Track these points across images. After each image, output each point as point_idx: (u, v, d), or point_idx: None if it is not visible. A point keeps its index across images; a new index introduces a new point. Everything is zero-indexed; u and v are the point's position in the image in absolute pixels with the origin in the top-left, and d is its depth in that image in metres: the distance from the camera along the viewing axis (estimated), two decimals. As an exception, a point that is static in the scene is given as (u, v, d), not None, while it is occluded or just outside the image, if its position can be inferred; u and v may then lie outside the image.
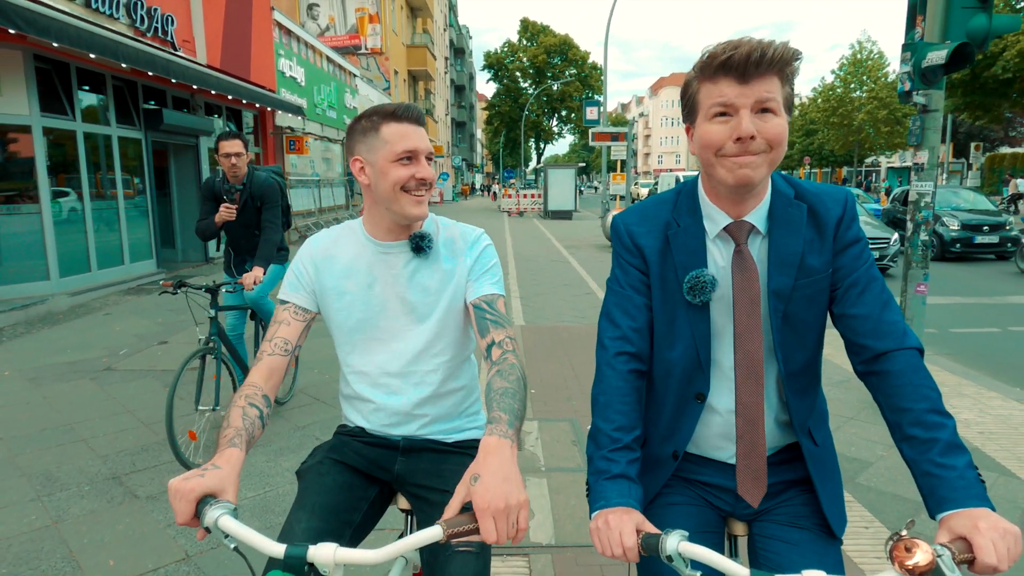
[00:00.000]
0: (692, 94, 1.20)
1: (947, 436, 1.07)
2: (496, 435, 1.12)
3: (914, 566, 0.86)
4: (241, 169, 4.01)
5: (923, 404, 1.10)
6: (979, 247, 12.51)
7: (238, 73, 13.04)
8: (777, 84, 1.14)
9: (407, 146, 1.42)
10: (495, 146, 69.29)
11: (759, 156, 1.15)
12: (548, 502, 3.15)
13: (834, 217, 1.24)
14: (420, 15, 39.23)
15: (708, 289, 1.23)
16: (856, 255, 1.24)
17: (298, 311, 1.51)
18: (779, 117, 1.15)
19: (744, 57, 1.10)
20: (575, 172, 26.12)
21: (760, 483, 1.29)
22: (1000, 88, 23.72)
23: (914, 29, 4.36)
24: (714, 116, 1.16)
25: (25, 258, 8.27)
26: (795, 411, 1.28)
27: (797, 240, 1.23)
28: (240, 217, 4.01)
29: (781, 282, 1.23)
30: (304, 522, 1.37)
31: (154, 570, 2.62)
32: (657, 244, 1.29)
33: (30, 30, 6.88)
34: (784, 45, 1.12)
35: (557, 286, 9.68)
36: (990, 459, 3.63)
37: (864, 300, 1.21)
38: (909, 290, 4.41)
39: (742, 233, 1.24)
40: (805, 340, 1.26)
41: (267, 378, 1.42)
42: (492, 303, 1.46)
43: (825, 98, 39.77)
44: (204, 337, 3.64)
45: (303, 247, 1.57)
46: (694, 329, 1.27)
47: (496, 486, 1.02)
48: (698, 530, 1.31)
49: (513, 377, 1.29)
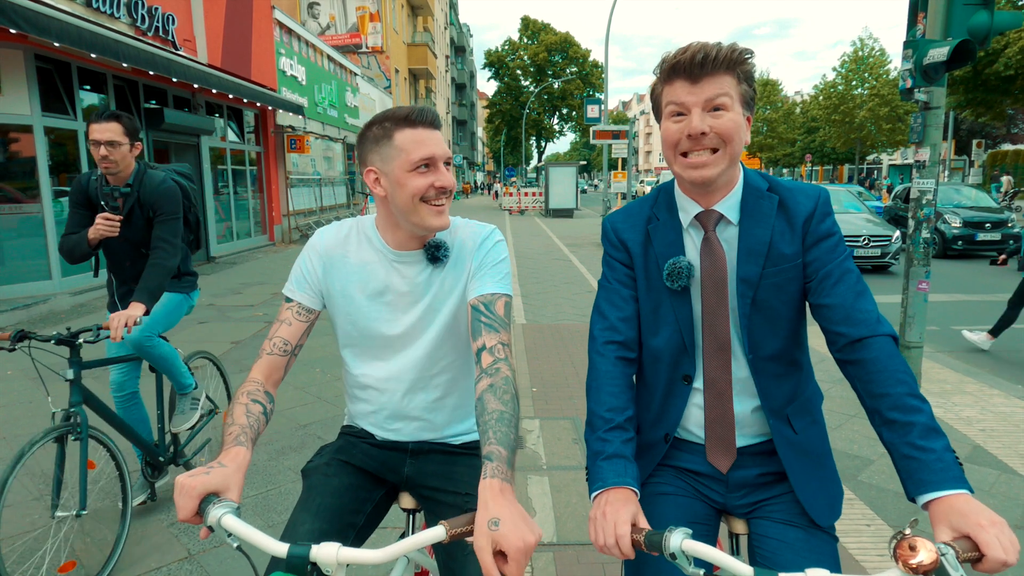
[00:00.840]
0: (656, 97, 1.31)
1: (924, 420, 1.10)
2: (498, 478, 1.08)
3: (918, 565, 0.87)
4: (121, 165, 2.81)
5: (900, 388, 1.14)
6: (981, 244, 12.50)
7: (239, 72, 13.05)
8: (730, 82, 1.22)
9: (424, 153, 1.33)
10: (496, 144, 69.24)
11: (714, 154, 1.23)
12: (550, 500, 3.16)
13: (804, 211, 1.30)
14: (421, 13, 39.21)
15: (684, 274, 1.31)
16: (830, 248, 1.29)
17: (301, 311, 1.46)
18: (731, 112, 1.22)
19: (690, 59, 1.20)
20: (576, 170, 26.12)
21: (729, 451, 1.35)
22: (1002, 85, 23.64)
23: (916, 26, 4.35)
24: (671, 116, 1.26)
25: (27, 258, 8.29)
26: (767, 396, 1.33)
27: (765, 230, 1.30)
28: (124, 231, 2.86)
29: (749, 270, 1.29)
30: (308, 523, 1.36)
31: (157, 568, 2.63)
32: (639, 238, 1.39)
33: (31, 30, 6.89)
34: (731, 47, 1.22)
35: (558, 284, 9.69)
36: (991, 456, 3.63)
37: (838, 291, 1.25)
38: (911, 287, 4.40)
39: (711, 221, 1.32)
40: (776, 327, 1.32)
41: (267, 376, 1.41)
42: (490, 304, 1.39)
43: (827, 95, 39.67)
44: (61, 410, 2.44)
45: (310, 241, 1.52)
46: (677, 314, 1.34)
47: (519, 528, 0.99)
48: (690, 521, 1.34)
49: (508, 396, 1.25)
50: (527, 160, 69.96)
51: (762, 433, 1.37)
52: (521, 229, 19.95)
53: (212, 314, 7.71)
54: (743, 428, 1.36)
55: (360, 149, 1.43)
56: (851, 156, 45.71)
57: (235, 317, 7.53)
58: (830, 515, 1.33)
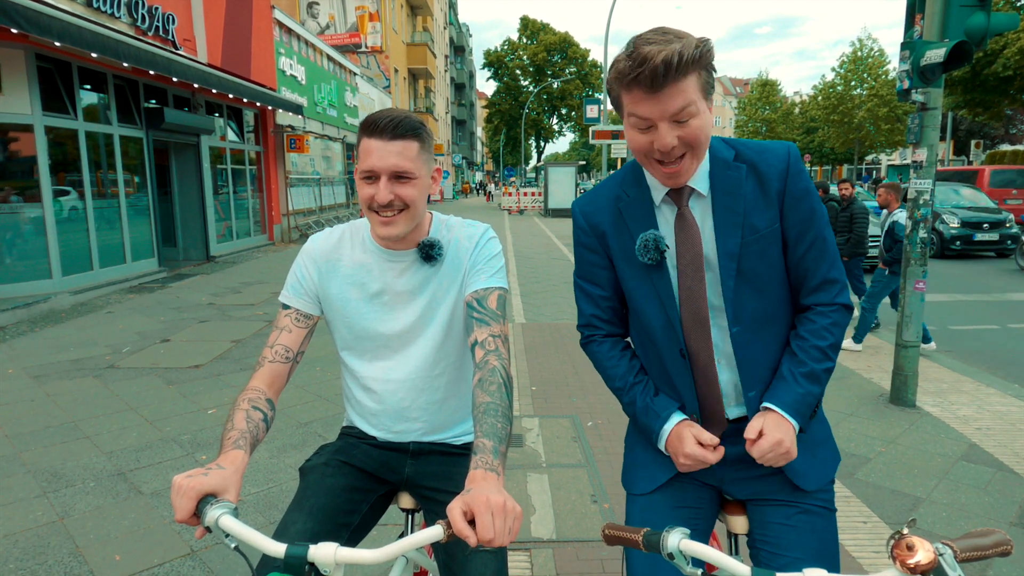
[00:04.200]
0: (615, 96, 1.24)
1: (817, 367, 1.29)
2: (481, 468, 1.11)
3: (916, 564, 0.87)
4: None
5: (817, 341, 1.30)
6: (979, 244, 12.53)
7: (239, 72, 13.05)
8: (692, 84, 1.15)
9: (366, 164, 1.34)
10: (495, 144, 69.23)
11: (684, 158, 1.22)
12: (549, 497, 3.18)
13: (777, 172, 1.28)
14: (420, 13, 39.19)
15: (653, 247, 1.30)
16: (807, 211, 1.29)
17: (300, 317, 1.47)
18: (697, 118, 1.18)
19: (651, 75, 1.12)
20: (575, 170, 26.14)
21: (719, 422, 1.38)
22: (1000, 85, 23.69)
23: (913, 27, 4.38)
24: (635, 126, 1.21)
25: (27, 257, 8.30)
26: (746, 365, 1.33)
27: (738, 201, 1.28)
28: None
29: (730, 242, 1.29)
30: (300, 523, 1.35)
31: (159, 565, 2.65)
32: (610, 218, 1.38)
33: (32, 29, 6.90)
34: (689, 46, 1.12)
35: (558, 283, 9.71)
36: (988, 455, 3.65)
37: (811, 255, 1.31)
38: (908, 287, 4.43)
39: (683, 197, 1.31)
40: (764, 293, 1.32)
41: (269, 384, 1.40)
42: (482, 299, 1.41)
43: (825, 96, 39.70)
44: None
45: (304, 248, 1.52)
46: (658, 288, 1.34)
47: (487, 492, 1.02)
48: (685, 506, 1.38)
49: (494, 387, 1.26)
50: (526, 160, 69.89)
51: (744, 411, 1.38)
52: (520, 229, 19.96)
53: (212, 313, 7.73)
54: (731, 400, 1.37)
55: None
56: (850, 156, 45.72)
57: (236, 316, 7.55)
58: (818, 478, 1.35)
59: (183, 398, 4.71)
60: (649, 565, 1.28)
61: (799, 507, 1.33)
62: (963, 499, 3.16)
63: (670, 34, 1.14)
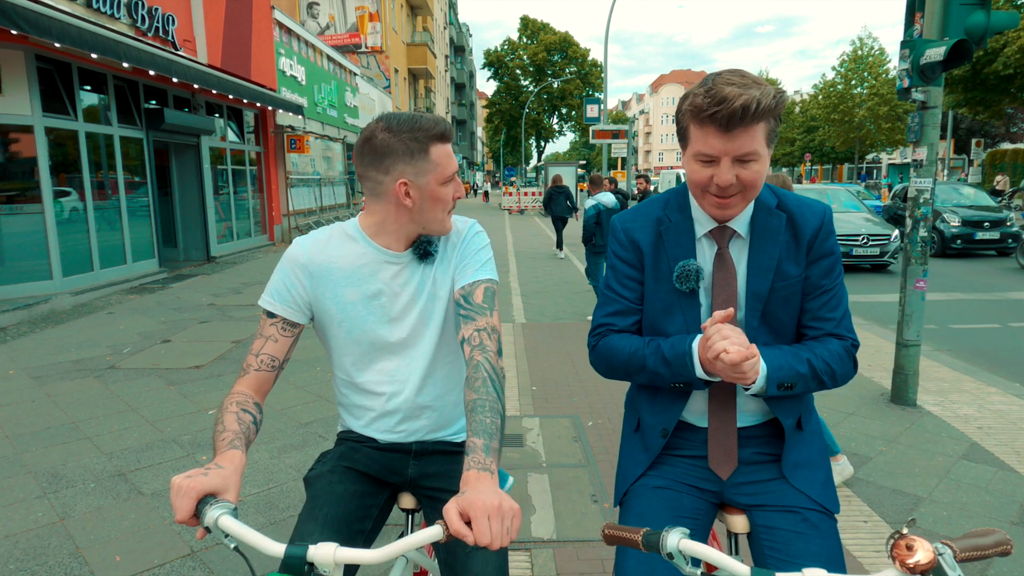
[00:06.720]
0: (684, 127, 1.30)
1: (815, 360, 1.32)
2: (474, 468, 1.11)
3: (915, 564, 0.87)
4: None
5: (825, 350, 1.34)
6: (980, 243, 12.51)
7: (239, 72, 13.06)
8: (761, 128, 1.22)
9: (454, 167, 1.42)
10: (496, 144, 69.23)
11: (736, 196, 1.28)
12: (550, 497, 3.18)
13: (811, 228, 1.36)
14: (420, 13, 39.19)
15: (694, 277, 1.36)
16: (828, 267, 1.38)
17: (286, 327, 1.43)
18: (758, 162, 1.24)
19: (728, 116, 1.18)
20: (576, 170, 26.13)
21: (730, 458, 1.40)
22: (1001, 84, 23.68)
23: (913, 26, 4.37)
24: (698, 158, 1.27)
25: (28, 258, 8.31)
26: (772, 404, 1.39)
27: (775, 247, 1.36)
28: None
29: (760, 285, 1.36)
30: (316, 534, 1.34)
31: (160, 565, 2.65)
32: (650, 238, 1.42)
33: (32, 30, 6.90)
34: (768, 96, 1.18)
35: (558, 283, 9.70)
36: (989, 454, 3.65)
37: (829, 305, 1.37)
38: (908, 286, 4.42)
39: (724, 238, 1.37)
40: (780, 337, 1.40)
41: (256, 389, 1.40)
42: (469, 295, 1.42)
43: (826, 95, 39.70)
44: None
45: (289, 253, 1.45)
46: (686, 315, 1.39)
47: (483, 493, 1.02)
48: (682, 516, 1.37)
49: (479, 383, 1.26)
50: (527, 160, 69.88)
51: (760, 412, 1.42)
52: (520, 229, 19.95)
53: (213, 314, 7.73)
54: (741, 409, 1.41)
55: (387, 158, 1.36)
56: (850, 155, 45.72)
57: (236, 317, 7.55)
58: (823, 491, 1.38)
59: (184, 399, 4.71)
60: (639, 566, 1.28)
61: (802, 514, 1.33)
62: (964, 498, 3.16)
63: (748, 79, 1.20)
